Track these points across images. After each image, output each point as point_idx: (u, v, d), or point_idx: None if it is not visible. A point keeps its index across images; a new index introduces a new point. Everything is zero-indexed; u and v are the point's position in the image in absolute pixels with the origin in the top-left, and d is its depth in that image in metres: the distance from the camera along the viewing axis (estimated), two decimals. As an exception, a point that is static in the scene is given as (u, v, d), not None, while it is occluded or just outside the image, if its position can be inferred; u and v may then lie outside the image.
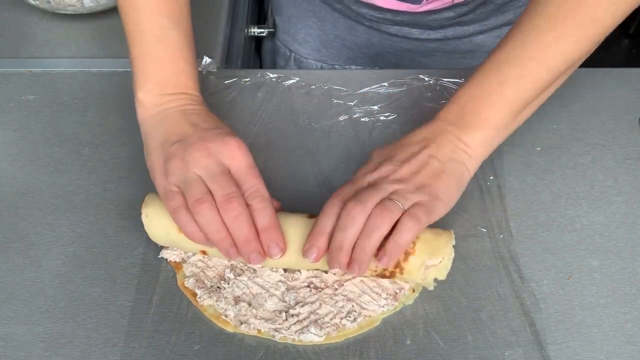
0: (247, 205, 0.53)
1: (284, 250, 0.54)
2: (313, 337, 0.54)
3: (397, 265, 0.54)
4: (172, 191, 0.54)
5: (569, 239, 0.61)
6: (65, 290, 0.58)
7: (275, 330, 0.54)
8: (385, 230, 0.52)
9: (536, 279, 0.58)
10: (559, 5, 0.55)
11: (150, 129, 0.60)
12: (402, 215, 0.53)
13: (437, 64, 0.88)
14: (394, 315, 0.56)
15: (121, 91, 0.76)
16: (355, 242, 0.52)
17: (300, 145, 0.70)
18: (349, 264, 0.52)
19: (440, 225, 0.56)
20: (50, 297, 0.57)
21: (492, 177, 0.66)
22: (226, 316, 0.55)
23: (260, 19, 1.13)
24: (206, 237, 0.54)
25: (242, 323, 0.55)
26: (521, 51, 0.56)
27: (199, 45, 0.80)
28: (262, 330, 0.55)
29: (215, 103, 0.73)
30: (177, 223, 0.54)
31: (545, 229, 0.62)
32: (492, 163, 0.67)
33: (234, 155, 0.55)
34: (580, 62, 0.58)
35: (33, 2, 0.82)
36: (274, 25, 0.97)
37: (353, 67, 0.93)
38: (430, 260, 0.54)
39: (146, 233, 0.60)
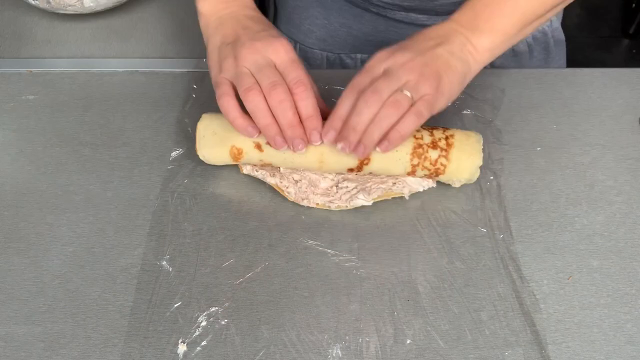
0: (292, 94, 0.59)
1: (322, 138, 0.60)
2: (362, 201, 0.63)
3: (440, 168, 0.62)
4: (223, 82, 0.61)
5: (569, 239, 0.61)
6: (65, 290, 0.58)
7: (330, 202, 0.63)
8: (394, 120, 0.58)
9: (536, 279, 0.58)
10: None
11: (209, 34, 0.66)
12: (408, 108, 0.57)
13: None
14: (393, 315, 0.56)
15: (121, 91, 0.76)
16: (366, 128, 0.58)
17: (300, 145, 0.69)
18: (356, 146, 0.58)
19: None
20: (50, 297, 0.57)
21: (492, 177, 0.66)
22: (288, 193, 0.64)
23: (260, 18, 1.13)
24: (255, 123, 0.60)
25: (303, 199, 0.63)
26: None
27: (199, 45, 0.81)
28: (319, 203, 0.63)
29: (215, 103, 0.73)
30: (223, 108, 0.60)
31: (545, 229, 0.62)
32: (492, 163, 0.67)
33: (279, 52, 0.61)
34: None
35: (33, 2, 0.82)
36: (275, 17, 0.97)
37: (359, 55, 0.93)
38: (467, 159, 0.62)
39: (146, 233, 0.61)
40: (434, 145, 0.62)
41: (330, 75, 0.77)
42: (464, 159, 0.62)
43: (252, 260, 0.60)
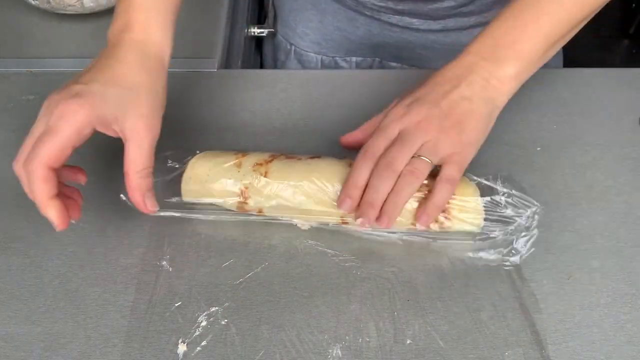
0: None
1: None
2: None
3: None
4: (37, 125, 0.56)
5: (569, 239, 0.61)
6: (65, 290, 0.58)
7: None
8: (416, 187, 0.56)
9: (536, 279, 0.58)
10: None
11: None
12: (437, 179, 0.56)
13: (436, 57, 0.88)
14: (394, 315, 0.56)
15: (121, 91, 0.76)
16: (387, 198, 0.56)
17: (301, 145, 0.70)
18: (379, 217, 0.56)
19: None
20: (50, 297, 0.57)
21: (491, 177, 0.66)
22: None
23: (260, 19, 1.13)
24: None
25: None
26: None
27: (199, 45, 0.81)
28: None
29: (215, 103, 0.73)
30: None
31: (545, 229, 0.62)
32: (491, 162, 0.67)
33: (65, 118, 0.54)
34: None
35: (33, 2, 0.83)
36: (275, 19, 0.97)
37: (353, 58, 0.93)
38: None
39: (146, 233, 0.61)
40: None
41: (330, 75, 0.77)
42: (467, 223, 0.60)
43: (252, 260, 0.60)
